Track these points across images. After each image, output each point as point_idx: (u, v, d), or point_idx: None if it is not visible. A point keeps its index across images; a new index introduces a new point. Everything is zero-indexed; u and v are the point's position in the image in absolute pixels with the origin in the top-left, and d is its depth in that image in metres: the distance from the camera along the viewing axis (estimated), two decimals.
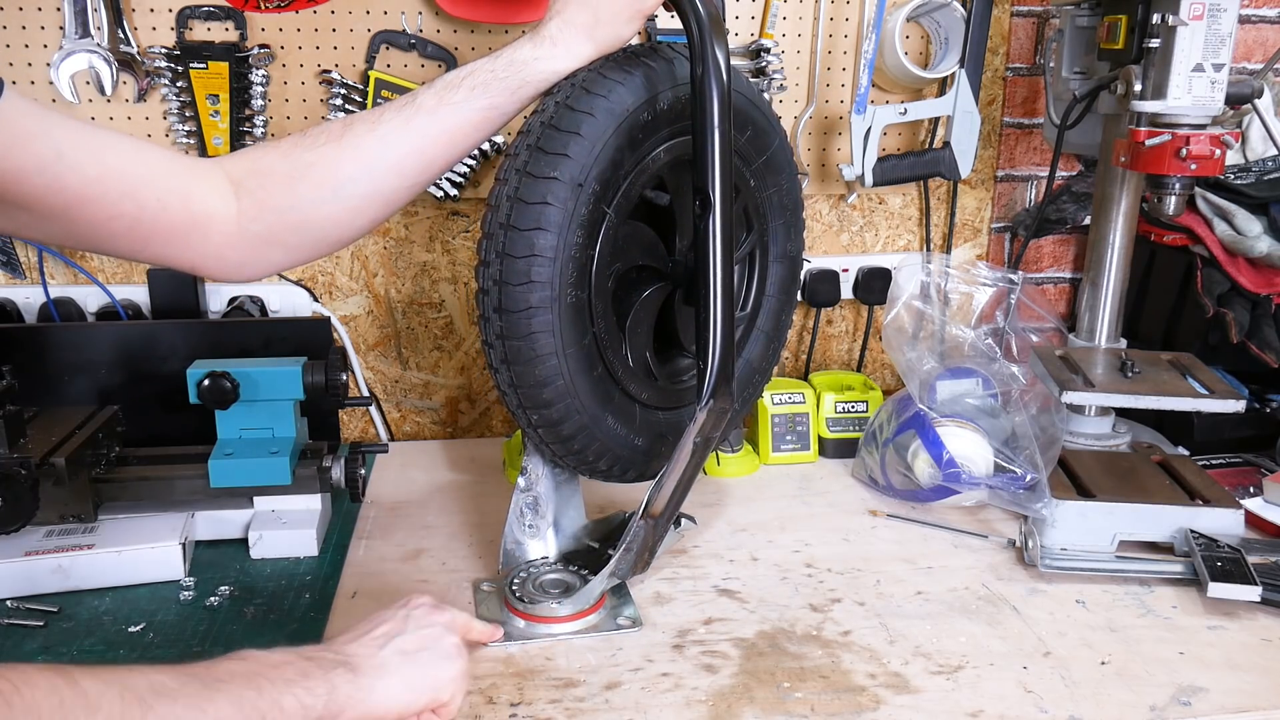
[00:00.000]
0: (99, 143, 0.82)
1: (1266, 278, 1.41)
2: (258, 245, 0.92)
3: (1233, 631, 1.06)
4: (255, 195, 0.90)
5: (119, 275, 1.49)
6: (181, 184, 0.87)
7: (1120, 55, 1.28)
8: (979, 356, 1.39)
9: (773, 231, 1.20)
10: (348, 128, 0.92)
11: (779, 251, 1.21)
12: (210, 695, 0.70)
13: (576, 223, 0.95)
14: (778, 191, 1.18)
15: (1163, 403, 1.26)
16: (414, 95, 0.93)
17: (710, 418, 1.00)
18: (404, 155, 0.92)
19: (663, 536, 1.07)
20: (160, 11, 1.39)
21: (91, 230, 0.83)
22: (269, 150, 0.92)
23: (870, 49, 1.46)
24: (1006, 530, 1.27)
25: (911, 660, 1.00)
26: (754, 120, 1.11)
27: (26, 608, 1.08)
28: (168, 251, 0.89)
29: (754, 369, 1.23)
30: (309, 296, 1.52)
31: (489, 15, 1.43)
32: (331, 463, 1.22)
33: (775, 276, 1.22)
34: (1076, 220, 1.63)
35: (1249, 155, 1.50)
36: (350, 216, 0.94)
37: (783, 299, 1.23)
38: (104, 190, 0.82)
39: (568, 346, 0.98)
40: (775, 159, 1.15)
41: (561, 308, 0.96)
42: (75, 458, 1.12)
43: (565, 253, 0.94)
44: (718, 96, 0.93)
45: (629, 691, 0.95)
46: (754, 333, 1.22)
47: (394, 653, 0.85)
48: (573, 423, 1.02)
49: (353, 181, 0.92)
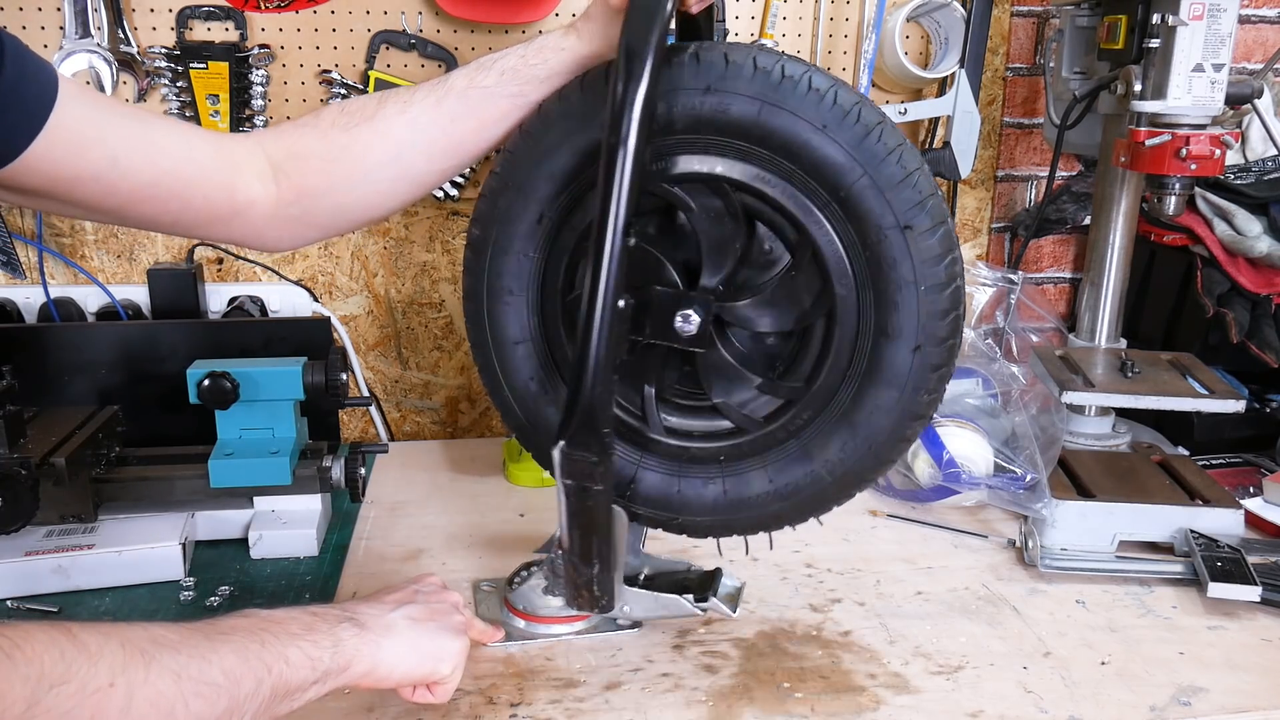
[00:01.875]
0: (152, 145, 0.84)
1: (1266, 278, 1.41)
2: (292, 225, 0.95)
3: (1233, 631, 1.06)
4: (293, 179, 0.92)
5: (119, 275, 1.49)
6: (226, 177, 0.89)
7: (1120, 55, 1.28)
8: (979, 356, 1.39)
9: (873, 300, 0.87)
10: (381, 106, 0.93)
11: (879, 323, 0.87)
12: (214, 646, 0.69)
13: (511, 220, 0.93)
14: (874, 247, 0.85)
15: (1163, 403, 1.26)
16: (446, 77, 0.95)
17: (568, 462, 0.84)
18: (433, 139, 0.94)
19: (592, 579, 0.92)
20: (160, 11, 1.39)
21: (139, 220, 0.88)
22: (307, 131, 0.94)
23: (870, 49, 1.46)
24: (1006, 530, 1.27)
25: (911, 660, 1.00)
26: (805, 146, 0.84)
27: (26, 608, 1.08)
28: (209, 232, 0.93)
29: (815, 465, 0.93)
30: (309, 296, 1.52)
31: (489, 15, 1.43)
32: (331, 463, 1.22)
33: (874, 356, 0.88)
34: (1076, 220, 1.63)
35: (1249, 155, 1.50)
36: (381, 199, 0.96)
37: (886, 391, 0.89)
38: (156, 192, 0.85)
39: (498, 342, 0.97)
40: (857, 202, 0.85)
41: (489, 301, 0.96)
42: (75, 458, 1.11)
43: (493, 247, 0.95)
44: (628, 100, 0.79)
45: (629, 692, 0.95)
46: (824, 420, 0.92)
47: (402, 617, 0.86)
48: (511, 419, 1.01)
49: (382, 166, 0.94)
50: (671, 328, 0.89)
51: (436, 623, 0.88)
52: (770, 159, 0.86)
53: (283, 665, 0.73)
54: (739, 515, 0.96)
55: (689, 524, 0.98)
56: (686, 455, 0.96)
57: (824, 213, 0.87)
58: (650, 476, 0.97)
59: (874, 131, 0.84)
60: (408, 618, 0.86)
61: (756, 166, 0.87)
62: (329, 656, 0.77)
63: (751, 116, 0.85)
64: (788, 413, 0.93)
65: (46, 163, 0.77)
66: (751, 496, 0.95)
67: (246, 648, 0.71)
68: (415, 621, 0.86)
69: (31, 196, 0.81)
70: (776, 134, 0.85)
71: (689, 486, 0.97)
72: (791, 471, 0.94)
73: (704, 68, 0.85)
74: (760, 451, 0.95)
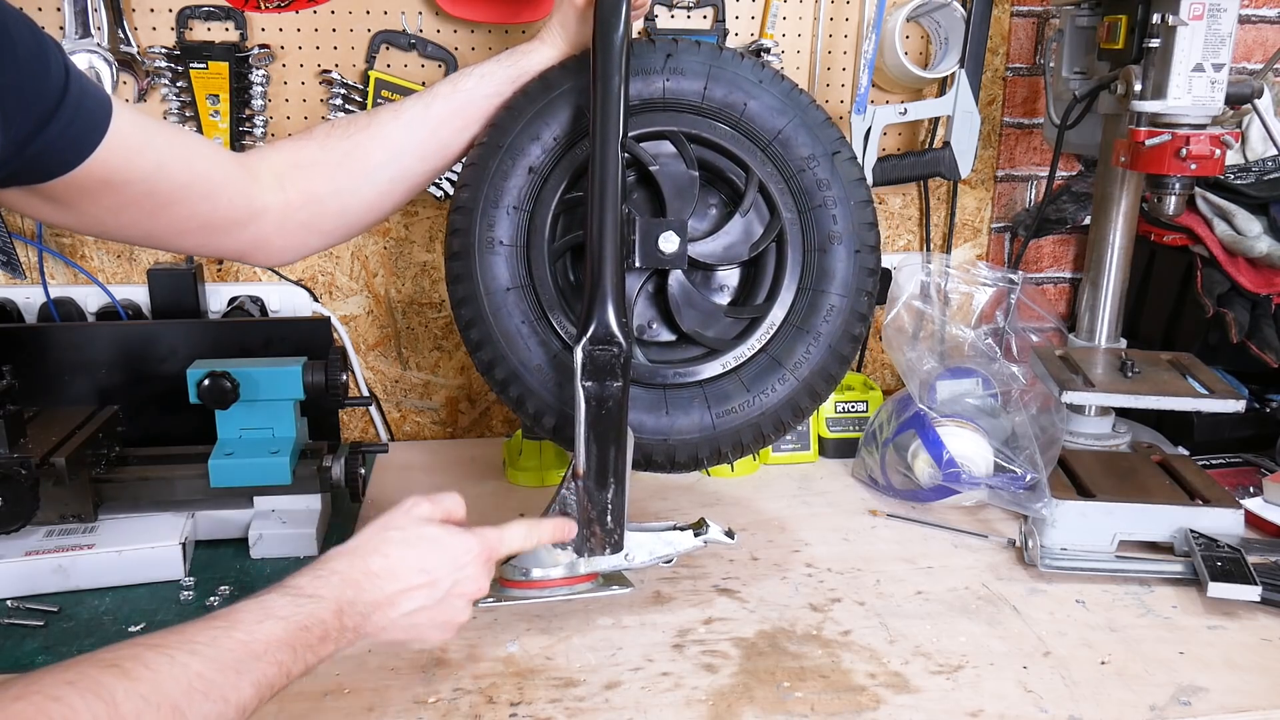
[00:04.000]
0: (188, 150, 0.92)
1: (1266, 278, 1.41)
2: (299, 232, 1.02)
3: (1233, 631, 1.06)
4: (299, 186, 1.00)
5: (119, 275, 1.49)
6: (243, 185, 0.96)
7: (1120, 55, 1.28)
8: (979, 356, 1.39)
9: (813, 217, 1.08)
10: (373, 118, 1.04)
11: (821, 239, 1.08)
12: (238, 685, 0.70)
13: (499, 178, 1.04)
14: (805, 173, 1.07)
15: (1163, 403, 1.26)
16: (434, 86, 1.07)
17: (591, 360, 0.94)
18: (424, 139, 1.04)
19: (605, 505, 0.98)
20: (160, 11, 1.39)
21: (170, 225, 0.93)
22: (306, 143, 1.02)
23: (870, 49, 1.46)
24: (1006, 530, 1.27)
25: (911, 660, 1.00)
26: (749, 98, 1.07)
27: (26, 608, 1.08)
28: (225, 242, 0.99)
29: (786, 371, 1.08)
30: (309, 296, 1.52)
31: (489, 15, 1.43)
32: (331, 462, 1.22)
33: (819, 267, 1.08)
34: (1076, 220, 1.63)
35: (1249, 155, 1.50)
36: (380, 200, 1.05)
37: (836, 296, 1.08)
38: (189, 194, 0.92)
39: (491, 289, 1.04)
40: (790, 136, 1.08)
41: (480, 253, 1.04)
42: (75, 458, 1.12)
43: (485, 205, 1.04)
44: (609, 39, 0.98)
45: (629, 691, 0.95)
46: (787, 330, 1.08)
47: (403, 616, 0.84)
48: (503, 367, 1.04)
49: (382, 167, 1.03)
50: (657, 249, 1.03)
51: (437, 626, 0.86)
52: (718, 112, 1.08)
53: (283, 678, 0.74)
54: (723, 429, 1.07)
55: (679, 445, 1.07)
56: (670, 382, 1.07)
57: (765, 153, 1.08)
58: (638, 404, 1.06)
59: (796, 88, 1.10)
60: (411, 624, 0.85)
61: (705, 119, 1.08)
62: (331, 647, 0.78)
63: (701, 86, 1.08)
64: (754, 330, 1.08)
65: (105, 166, 0.84)
66: (731, 409, 1.07)
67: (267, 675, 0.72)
68: (415, 626, 0.85)
69: (81, 201, 0.86)
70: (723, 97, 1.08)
71: (676, 409, 1.07)
72: (765, 380, 1.08)
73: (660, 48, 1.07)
74: (735, 368, 1.08)
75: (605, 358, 0.95)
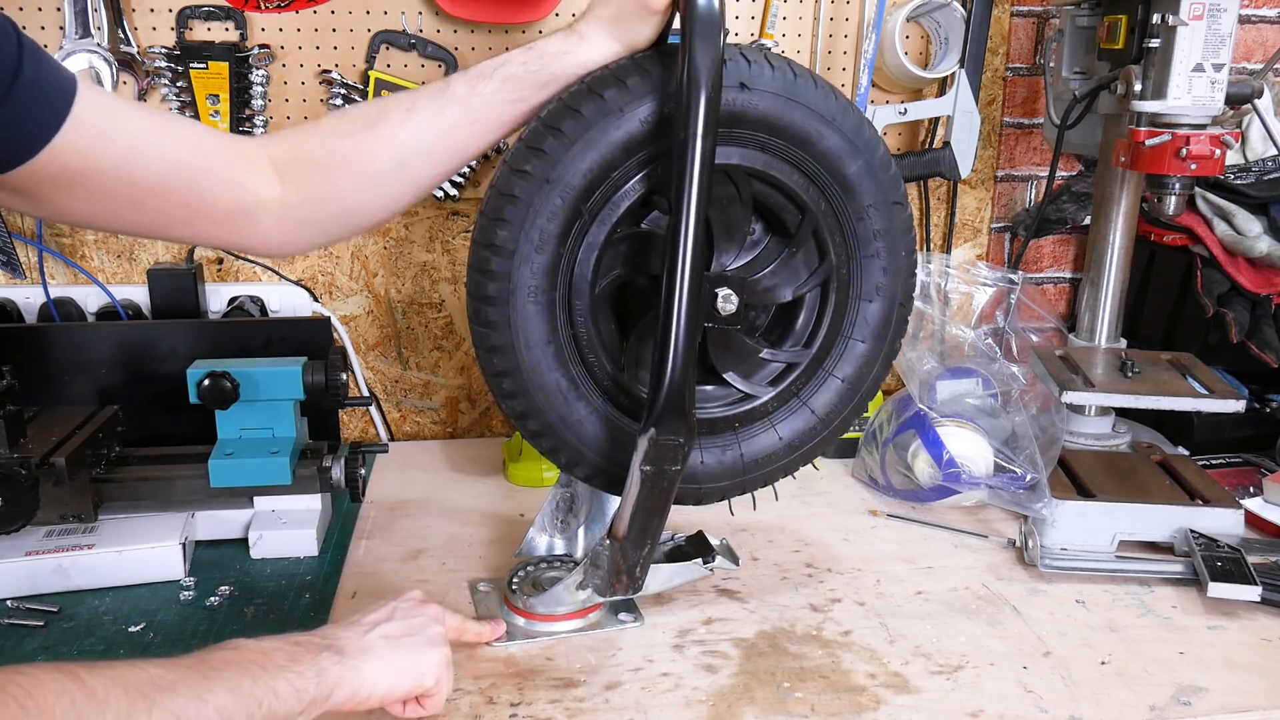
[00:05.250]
0: (168, 137, 0.86)
1: (1266, 278, 1.41)
2: (298, 228, 0.96)
3: (1233, 631, 1.06)
4: (298, 183, 0.93)
5: (119, 275, 1.49)
6: (236, 175, 0.90)
7: (1120, 55, 1.28)
8: (979, 356, 1.39)
9: (861, 265, 1.03)
10: (383, 114, 0.94)
11: (868, 288, 1.04)
12: (209, 685, 0.71)
13: (544, 218, 0.92)
14: (864, 221, 1.01)
15: (1163, 403, 1.26)
16: (448, 83, 0.95)
17: (654, 448, 0.91)
18: (435, 143, 0.94)
19: (638, 561, 0.98)
20: (160, 11, 1.39)
21: (156, 217, 0.88)
22: (310, 136, 0.95)
23: (870, 49, 1.46)
24: (1006, 530, 1.27)
25: (911, 660, 1.00)
26: (819, 135, 0.97)
27: (26, 608, 1.08)
28: (217, 234, 0.94)
29: (817, 418, 1.06)
30: (309, 296, 1.52)
31: (489, 15, 1.43)
32: (331, 463, 1.22)
33: (861, 316, 1.05)
34: (1076, 220, 1.63)
35: (1249, 155, 1.50)
36: (386, 202, 0.97)
37: (874, 346, 1.06)
38: (171, 185, 0.86)
39: (531, 342, 0.95)
40: (855, 183, 1.00)
41: (519, 302, 0.94)
42: (75, 458, 1.12)
43: (527, 247, 0.93)
44: (703, 102, 0.86)
45: (629, 691, 0.95)
46: (822, 376, 1.06)
47: (378, 637, 0.86)
48: (538, 420, 0.98)
49: (387, 173, 0.94)
50: (715, 308, 0.97)
51: (414, 638, 0.88)
52: (784, 149, 0.97)
53: (272, 699, 0.74)
54: (752, 474, 1.06)
55: (709, 491, 1.05)
56: (703, 428, 1.02)
57: (825, 195, 0.99)
58: None
59: (865, 124, 0.99)
60: (384, 637, 0.86)
61: (769, 155, 0.97)
62: (313, 687, 0.78)
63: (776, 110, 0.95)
64: (790, 375, 1.04)
65: (71, 153, 0.79)
66: (764, 456, 1.05)
67: (239, 684, 0.72)
68: (392, 640, 0.86)
69: (52, 193, 0.82)
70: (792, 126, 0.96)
71: (709, 455, 1.03)
72: (796, 425, 1.06)
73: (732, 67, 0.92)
74: (770, 413, 1.05)
75: (669, 448, 0.91)
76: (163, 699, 0.67)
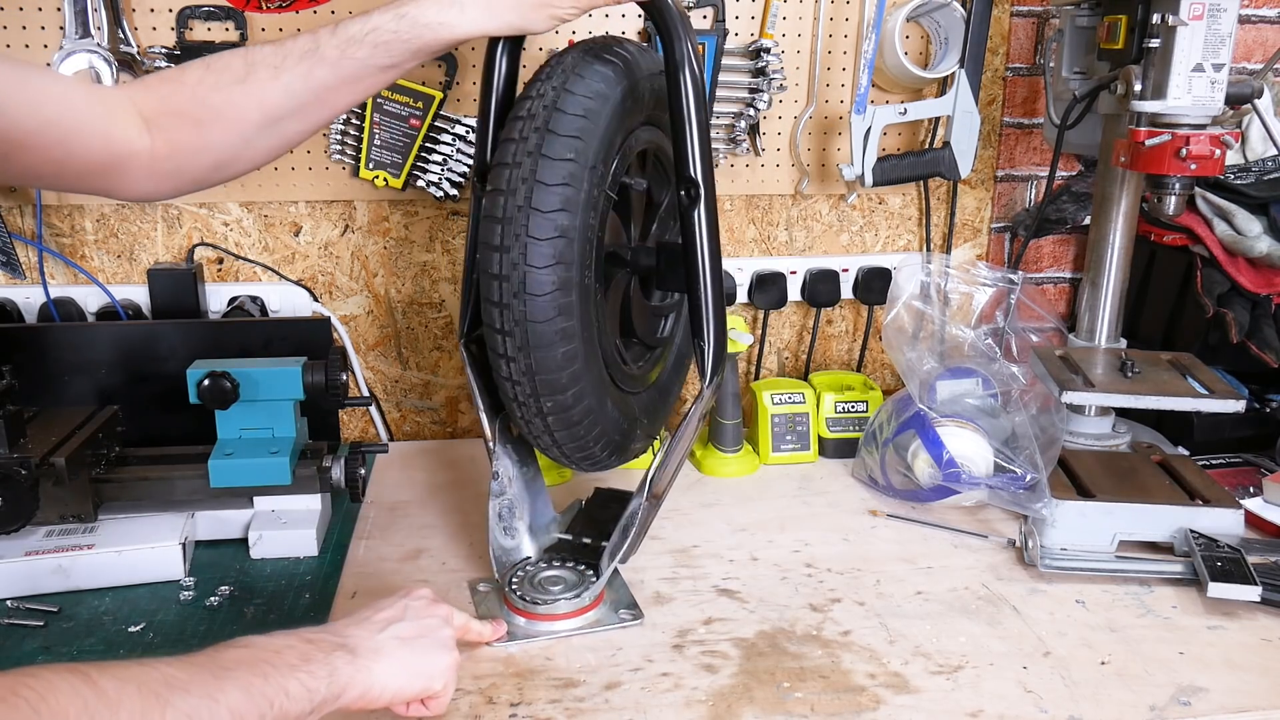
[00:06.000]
0: (34, 91, 0.86)
1: (1266, 278, 1.41)
2: (166, 178, 0.96)
3: (1233, 631, 1.06)
4: (166, 134, 0.93)
5: (119, 275, 1.49)
6: (103, 126, 0.90)
7: (1120, 55, 1.28)
8: (979, 356, 1.39)
9: None
10: (251, 70, 0.94)
11: None
12: (220, 685, 0.70)
13: (589, 204, 0.97)
14: None
15: (1163, 403, 1.26)
16: (316, 42, 0.95)
17: (713, 394, 1.06)
18: (306, 104, 0.96)
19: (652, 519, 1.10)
20: (160, 11, 1.39)
21: (23, 170, 0.89)
22: (177, 87, 0.94)
23: (870, 49, 1.46)
24: (1006, 530, 1.27)
25: (911, 660, 1.00)
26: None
27: (26, 608, 1.08)
28: (87, 184, 0.94)
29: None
30: (309, 296, 1.52)
31: None
32: (331, 463, 1.22)
33: None
34: (1076, 220, 1.63)
35: (1249, 155, 1.50)
36: (256, 155, 0.99)
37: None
38: (39, 140, 0.86)
39: (585, 329, 0.99)
40: None
41: (579, 291, 0.97)
42: (75, 458, 1.12)
43: (582, 234, 0.96)
44: (693, 86, 0.98)
45: (629, 691, 0.95)
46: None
47: (391, 638, 0.86)
48: (582, 407, 1.02)
49: (259, 129, 0.96)
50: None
51: (426, 639, 0.88)
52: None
53: (283, 698, 0.74)
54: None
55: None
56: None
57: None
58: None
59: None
60: (396, 637, 0.86)
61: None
62: (324, 686, 0.77)
63: None
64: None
65: None
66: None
67: (250, 683, 0.72)
68: (404, 641, 0.86)
69: None
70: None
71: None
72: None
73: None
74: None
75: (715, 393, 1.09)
76: (176, 699, 0.67)
